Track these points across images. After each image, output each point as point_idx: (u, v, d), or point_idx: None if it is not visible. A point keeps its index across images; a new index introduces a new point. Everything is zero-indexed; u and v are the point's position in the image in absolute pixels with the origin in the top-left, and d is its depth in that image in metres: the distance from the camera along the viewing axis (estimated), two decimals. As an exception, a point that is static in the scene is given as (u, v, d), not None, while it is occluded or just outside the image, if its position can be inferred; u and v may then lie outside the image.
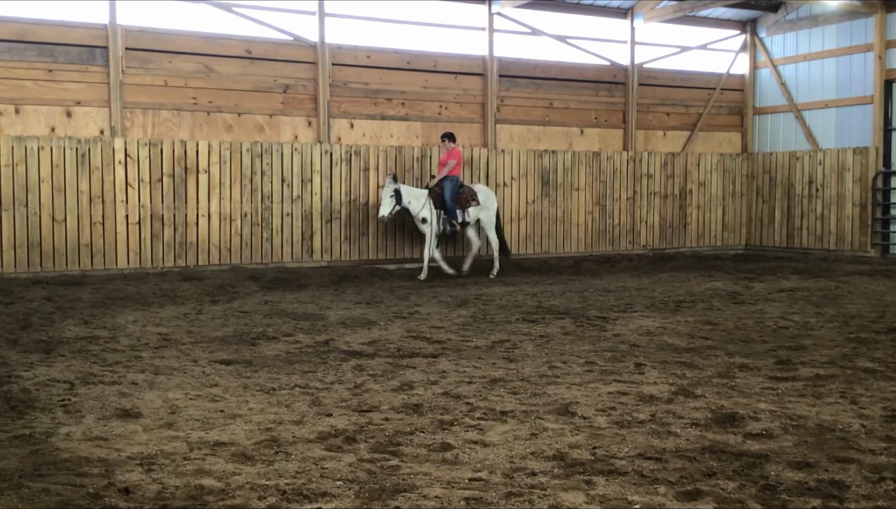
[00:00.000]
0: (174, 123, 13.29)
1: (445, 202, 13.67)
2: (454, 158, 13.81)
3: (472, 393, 6.21)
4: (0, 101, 12.16)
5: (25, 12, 12.34)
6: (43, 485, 4.16)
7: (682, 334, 8.72)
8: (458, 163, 13.85)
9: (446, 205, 13.69)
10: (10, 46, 12.19)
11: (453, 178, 13.75)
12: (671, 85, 17.79)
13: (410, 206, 13.52)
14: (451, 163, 13.75)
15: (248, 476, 4.40)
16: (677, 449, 4.84)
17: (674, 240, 17.90)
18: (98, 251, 12.60)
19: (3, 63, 12.15)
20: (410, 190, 13.61)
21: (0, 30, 12.12)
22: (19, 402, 5.83)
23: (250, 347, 7.96)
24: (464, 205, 13.84)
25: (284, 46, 14.06)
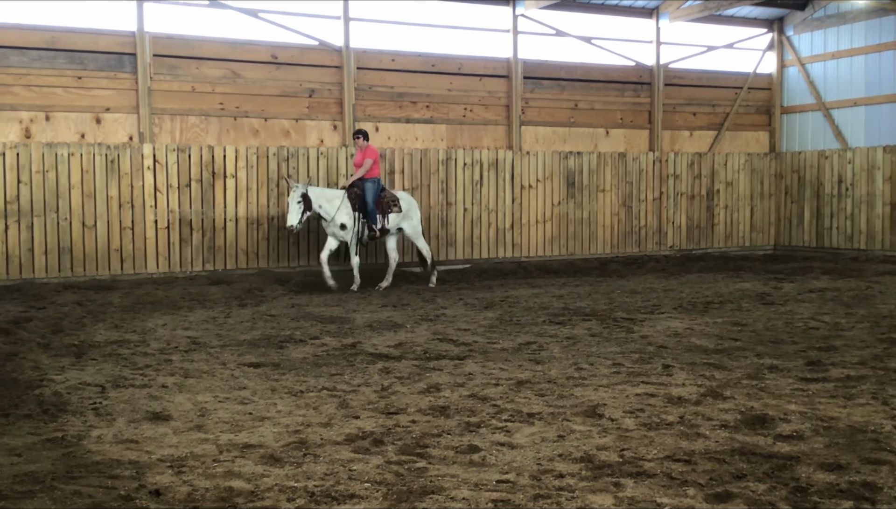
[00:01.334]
0: (202, 129, 13.41)
1: (367, 205, 12.53)
2: (370, 157, 12.63)
3: (499, 395, 6.21)
4: (31, 108, 12.33)
5: (55, 20, 12.52)
6: (75, 488, 4.21)
7: (711, 335, 8.66)
8: (376, 163, 12.71)
9: (367, 208, 12.55)
10: (41, 54, 12.37)
11: (375, 180, 12.66)
12: (697, 85, 17.67)
13: (322, 211, 12.20)
14: (368, 162, 12.57)
15: (276, 478, 4.43)
16: (706, 451, 4.81)
17: (701, 240, 17.77)
18: (127, 256, 12.74)
19: (33, 70, 12.33)
20: (321, 192, 12.33)
21: (31, 37, 12.30)
22: (51, 406, 5.91)
23: (278, 350, 8.01)
24: (384, 211, 12.73)
25: (310, 51, 14.14)
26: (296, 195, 11.90)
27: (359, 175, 12.58)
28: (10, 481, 4.27)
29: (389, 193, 12.89)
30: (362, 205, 12.53)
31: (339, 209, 12.24)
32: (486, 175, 15.42)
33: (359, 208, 12.50)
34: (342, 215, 12.28)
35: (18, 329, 8.97)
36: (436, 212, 14.98)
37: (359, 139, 12.73)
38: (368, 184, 12.57)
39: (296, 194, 11.91)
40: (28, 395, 6.19)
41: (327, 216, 12.29)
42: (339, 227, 12.34)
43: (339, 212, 12.25)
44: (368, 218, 12.58)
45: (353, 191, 12.52)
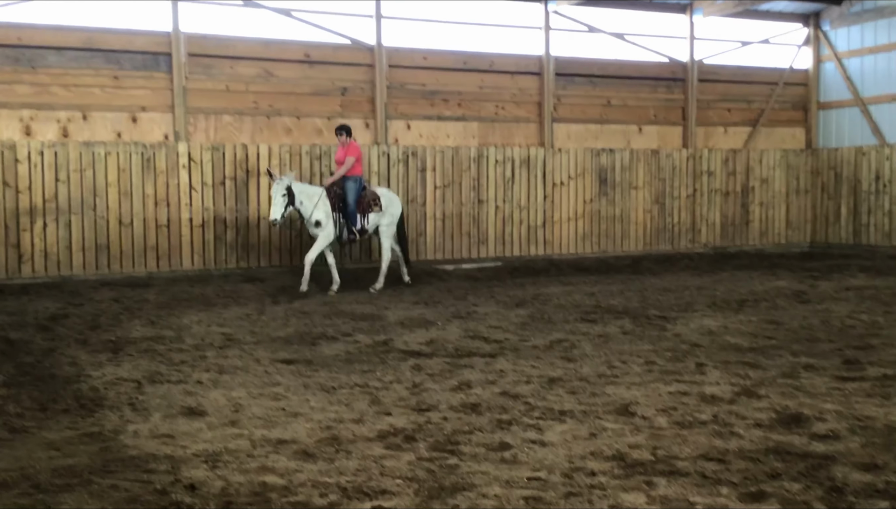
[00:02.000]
0: (236, 127, 13.52)
1: (347, 205, 12.01)
2: (352, 155, 12.11)
3: (531, 392, 6.20)
4: (68, 107, 12.52)
5: (92, 21, 12.69)
6: (112, 482, 4.28)
7: (745, 334, 8.58)
8: (358, 161, 12.17)
9: (347, 208, 12.02)
10: (78, 54, 12.55)
11: (357, 179, 12.14)
12: (732, 80, 17.49)
13: (301, 207, 11.74)
14: (350, 160, 12.05)
15: (309, 473, 4.47)
16: (740, 450, 4.77)
17: (736, 237, 17.59)
18: (163, 253, 12.89)
19: (71, 71, 12.51)
20: (303, 187, 11.87)
21: (68, 38, 12.48)
22: (89, 401, 6.01)
23: (311, 347, 8.06)
24: (365, 211, 12.21)
25: (342, 50, 14.20)
26: (280, 188, 11.42)
27: (340, 173, 12.08)
28: (49, 475, 4.35)
29: (370, 191, 12.39)
30: (343, 204, 12.05)
31: (316, 206, 11.76)
32: (518, 172, 15.39)
33: (339, 208, 12.02)
34: (319, 212, 11.80)
35: (56, 325, 9.12)
36: (467, 209, 14.98)
37: (342, 135, 12.24)
38: (350, 183, 12.06)
39: (280, 187, 11.43)
40: (66, 390, 6.30)
41: (305, 213, 11.83)
42: (314, 225, 11.85)
43: (317, 208, 11.77)
44: (348, 218, 12.06)
45: (333, 189, 12.03)
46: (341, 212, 12.03)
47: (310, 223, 11.89)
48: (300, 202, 11.68)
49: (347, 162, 12.06)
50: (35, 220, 12.13)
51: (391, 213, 12.50)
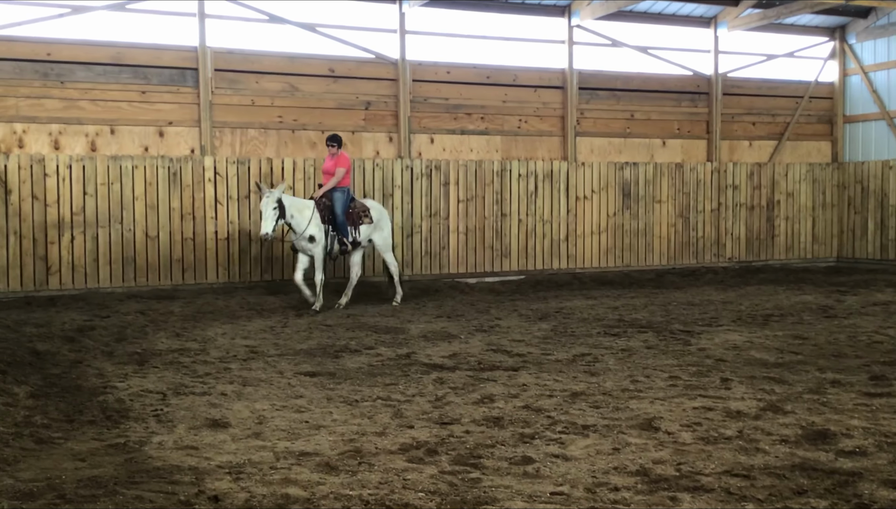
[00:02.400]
0: (261, 141, 13.64)
1: (336, 217, 11.74)
2: (343, 166, 11.85)
3: (553, 406, 6.19)
4: (97, 122, 12.68)
5: (120, 36, 12.87)
6: (137, 493, 4.31)
7: (771, 349, 8.50)
8: (348, 172, 11.94)
9: (337, 220, 11.75)
10: (106, 69, 12.72)
11: (344, 190, 11.89)
12: (757, 94, 17.40)
13: (293, 221, 11.34)
14: (340, 171, 11.79)
15: (332, 485, 4.48)
16: (766, 467, 4.72)
17: (761, 252, 17.46)
18: (189, 266, 13.00)
19: (99, 85, 12.68)
20: (294, 201, 11.52)
21: (97, 53, 12.66)
22: (114, 412, 6.06)
23: (334, 360, 8.09)
24: (355, 222, 11.96)
25: (366, 64, 14.30)
26: (270, 201, 11.02)
27: (331, 184, 11.79)
28: (75, 485, 4.39)
29: (359, 203, 12.18)
30: (331, 217, 11.77)
31: (310, 221, 11.41)
32: (541, 186, 15.38)
33: (328, 220, 11.72)
34: (313, 227, 11.45)
35: (83, 337, 9.22)
36: (490, 223, 14.99)
37: (332, 146, 11.94)
38: (337, 195, 11.80)
39: (270, 200, 11.02)
40: (92, 402, 6.35)
41: (298, 228, 11.41)
42: (307, 240, 11.47)
43: (311, 224, 11.43)
44: (339, 230, 11.78)
45: (321, 201, 11.76)
46: (330, 225, 11.74)
47: (303, 238, 11.46)
48: (291, 216, 11.30)
49: (338, 172, 11.81)
50: (63, 233, 12.28)
51: (382, 227, 12.36)
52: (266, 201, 11.05)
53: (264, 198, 11.10)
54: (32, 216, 12.12)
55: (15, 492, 4.25)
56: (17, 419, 5.70)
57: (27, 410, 5.96)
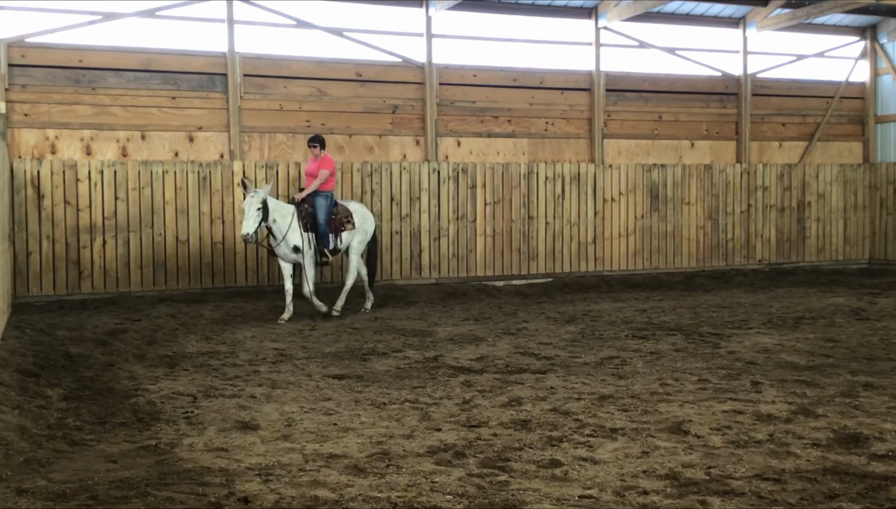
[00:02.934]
0: (289, 146, 13.73)
1: (318, 225, 11.21)
2: (327, 168, 11.37)
3: (581, 409, 6.17)
4: (128, 127, 12.84)
5: (150, 42, 13.01)
6: (167, 494, 4.36)
7: (802, 352, 8.42)
8: (332, 175, 11.47)
9: (319, 228, 11.22)
10: (137, 75, 12.87)
11: (326, 194, 11.36)
12: (787, 94, 17.23)
13: (274, 226, 10.91)
14: (324, 173, 11.30)
15: (360, 488, 4.50)
16: (797, 470, 4.68)
17: (792, 254, 17.28)
18: (218, 270, 13.10)
19: (130, 91, 12.84)
20: (277, 204, 11.07)
21: (127, 60, 12.81)
22: (146, 414, 6.13)
23: (361, 363, 8.12)
24: (337, 229, 11.47)
25: (393, 68, 14.34)
26: (255, 201, 10.61)
27: (313, 187, 11.29)
28: (107, 487, 4.45)
29: (342, 207, 11.67)
30: (313, 223, 11.24)
31: (291, 227, 10.97)
32: (568, 188, 15.34)
33: (309, 228, 11.21)
34: (296, 236, 11.02)
35: (115, 340, 9.33)
36: (517, 226, 14.97)
37: (315, 147, 11.52)
38: (320, 200, 11.28)
39: (255, 200, 10.61)
40: (124, 404, 6.43)
41: (278, 234, 10.98)
42: (292, 250, 11.05)
43: (293, 231, 10.99)
44: (320, 239, 11.26)
45: (303, 207, 11.25)
46: (312, 232, 11.24)
47: (287, 246, 11.05)
48: (273, 220, 10.88)
49: (321, 175, 11.32)
50: (95, 237, 12.44)
51: (364, 230, 11.91)
52: (250, 201, 10.63)
53: (248, 198, 10.68)
54: (65, 221, 12.29)
55: (48, 493, 4.31)
56: (51, 421, 5.78)
57: (60, 412, 6.05)
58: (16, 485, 4.39)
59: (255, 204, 10.62)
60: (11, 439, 5.13)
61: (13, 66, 12.17)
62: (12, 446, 5.03)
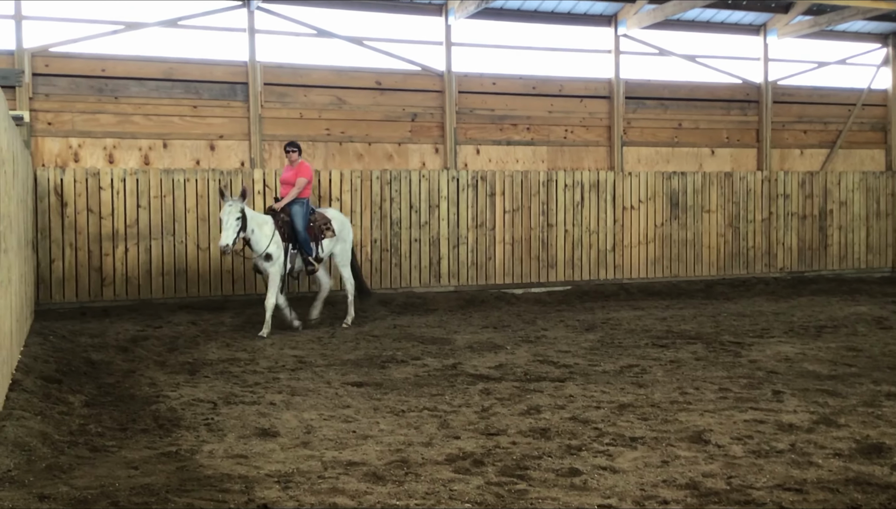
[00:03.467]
0: (309, 153, 13.79)
1: (298, 233, 10.87)
2: (304, 176, 11.04)
3: (601, 418, 6.14)
4: (150, 136, 12.95)
5: (172, 52, 13.13)
6: (188, 500, 4.38)
7: (824, 361, 8.34)
8: (309, 183, 11.16)
9: (298, 236, 10.88)
10: (159, 85, 12.99)
11: (303, 202, 11.05)
12: (808, 102, 17.13)
13: (252, 237, 10.49)
14: (301, 182, 10.98)
15: (379, 495, 4.50)
16: (819, 481, 4.64)
17: (814, 262, 17.14)
18: (238, 277, 13.17)
19: (152, 100, 12.95)
20: (254, 214, 10.68)
21: (150, 69, 12.94)
22: (166, 420, 6.17)
23: (380, 370, 8.13)
24: (317, 237, 11.10)
25: (412, 76, 14.39)
26: (234, 211, 10.20)
27: (291, 196, 10.95)
28: (128, 493, 4.48)
29: (320, 214, 11.31)
30: (291, 233, 10.88)
31: (269, 237, 10.58)
32: (588, 196, 15.31)
33: (288, 237, 10.85)
34: (272, 244, 10.61)
35: (136, 347, 9.39)
36: (536, 233, 14.95)
37: (292, 153, 11.16)
38: (296, 208, 10.95)
39: (234, 209, 10.21)
40: (145, 410, 6.48)
41: (256, 245, 10.58)
42: (264, 258, 10.63)
43: (271, 240, 10.60)
44: (301, 248, 10.94)
45: (280, 217, 10.88)
46: (291, 242, 10.89)
47: (258, 256, 10.67)
48: (251, 230, 10.45)
49: (299, 183, 10.99)
50: (117, 245, 12.54)
51: (344, 239, 11.58)
52: (229, 210, 10.23)
53: (226, 207, 10.27)
54: (87, 228, 12.40)
55: (70, 499, 4.35)
56: (73, 427, 5.83)
57: (82, 419, 6.10)
58: (38, 491, 4.43)
59: (235, 213, 10.22)
60: (34, 445, 5.17)
61: (37, 76, 12.32)
62: (35, 452, 5.08)
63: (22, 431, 5.32)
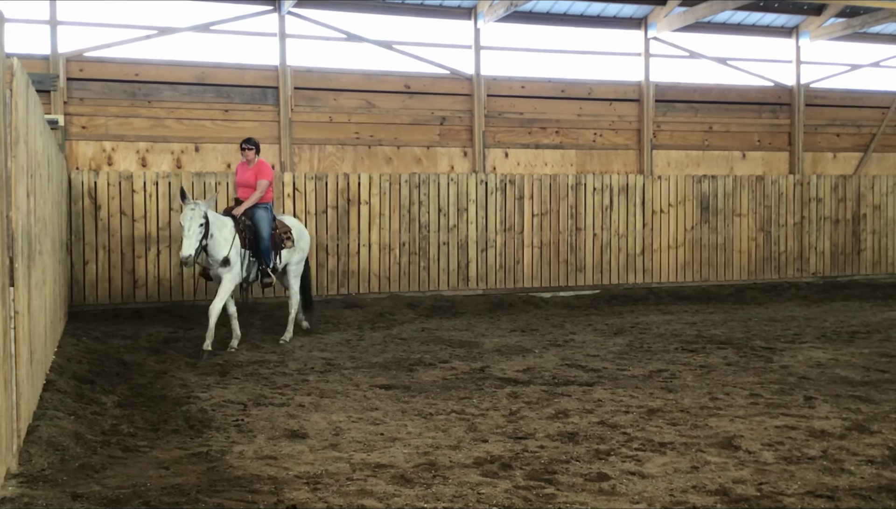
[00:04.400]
0: (338, 157, 13.87)
1: (261, 240, 9.89)
2: (265, 177, 10.06)
3: (629, 422, 6.11)
4: (182, 140, 13.09)
5: (204, 56, 13.27)
6: (218, 501, 4.42)
7: (857, 366, 8.24)
8: (271, 186, 10.22)
9: (261, 244, 9.89)
10: (191, 89, 13.13)
11: (266, 206, 10.07)
12: (841, 105, 16.93)
13: (211, 242, 9.35)
14: (263, 184, 9.99)
15: (407, 498, 4.51)
16: (851, 488, 4.58)
17: (846, 267, 16.93)
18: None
19: (184, 105, 13.10)
20: (215, 217, 9.53)
21: (182, 73, 13.08)
22: (197, 422, 6.23)
23: (408, 373, 8.15)
24: (277, 245, 10.20)
25: (441, 80, 14.42)
26: (197, 215, 9.09)
27: (253, 200, 9.92)
28: (159, 493, 4.53)
29: (280, 222, 10.44)
30: (253, 239, 9.90)
31: (229, 242, 9.55)
32: (617, 200, 15.24)
33: (248, 244, 9.85)
34: (233, 249, 9.58)
35: (168, 349, 9.49)
36: (565, 237, 14.91)
37: (249, 151, 10.13)
38: (261, 212, 9.95)
39: (197, 214, 9.09)
40: (176, 411, 6.54)
41: (214, 251, 9.44)
42: (221, 263, 9.52)
43: (231, 245, 9.56)
44: (262, 256, 9.94)
45: (242, 221, 9.86)
46: (250, 249, 9.92)
47: (215, 260, 9.52)
48: (212, 235, 9.38)
49: (261, 185, 9.98)
50: (149, 247, 12.68)
51: (301, 248, 10.80)
52: (190, 215, 9.07)
53: (188, 210, 9.11)
54: (121, 231, 12.55)
55: (102, 499, 4.41)
56: (105, 427, 5.90)
57: (114, 419, 6.18)
58: (71, 490, 4.49)
59: (198, 218, 9.10)
60: (67, 445, 5.25)
61: (71, 80, 12.50)
62: (68, 451, 5.16)
63: (55, 431, 5.41)
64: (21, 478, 4.63)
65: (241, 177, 10.26)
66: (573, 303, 13.82)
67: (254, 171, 10.13)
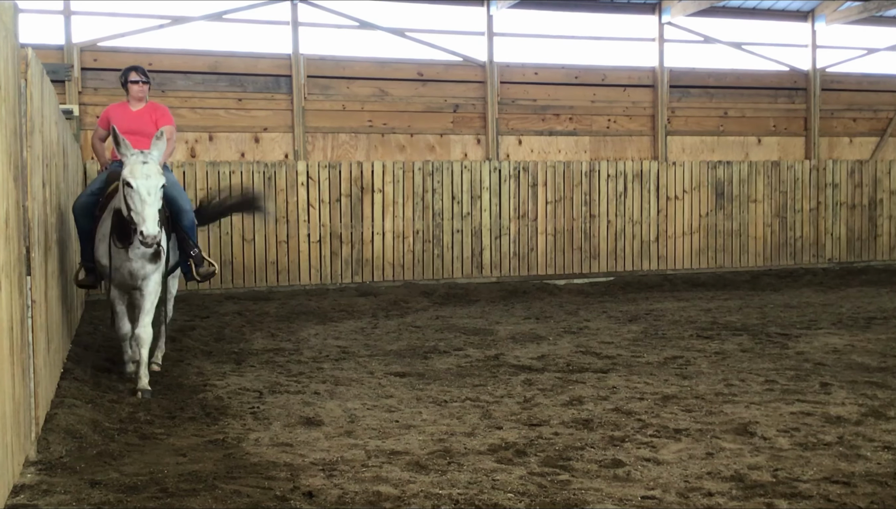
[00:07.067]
0: (351, 145, 13.87)
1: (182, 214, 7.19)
2: (168, 123, 7.34)
3: (644, 409, 6.11)
4: (196, 129, 13.13)
5: (217, 45, 13.29)
6: (234, 487, 4.45)
7: (874, 352, 8.20)
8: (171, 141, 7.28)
9: (183, 219, 7.20)
10: (205, 78, 13.15)
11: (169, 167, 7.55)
12: (857, 89, 16.78)
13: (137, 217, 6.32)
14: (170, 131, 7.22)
15: (422, 484, 4.53)
16: (867, 474, 4.57)
17: (863, 253, 16.81)
18: (283, 268, 13.31)
19: (197, 94, 13.13)
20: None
21: (196, 62, 13.11)
22: (213, 409, 6.26)
23: (423, 360, 8.17)
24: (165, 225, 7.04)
25: (454, 67, 14.38)
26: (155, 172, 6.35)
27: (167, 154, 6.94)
28: (176, 480, 4.57)
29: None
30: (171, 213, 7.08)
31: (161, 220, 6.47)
32: (631, 186, 15.18)
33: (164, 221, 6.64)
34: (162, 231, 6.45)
35: (184, 337, 9.55)
36: (579, 224, 14.87)
37: (137, 84, 7.42)
38: (172, 177, 7.13)
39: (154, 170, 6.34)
40: (193, 399, 6.58)
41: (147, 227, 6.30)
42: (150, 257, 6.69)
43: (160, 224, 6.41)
44: (187, 234, 7.22)
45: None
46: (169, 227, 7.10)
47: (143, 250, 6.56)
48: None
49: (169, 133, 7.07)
50: (164, 237, 12.73)
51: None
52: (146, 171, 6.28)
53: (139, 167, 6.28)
54: (135, 220, 12.60)
55: (120, 485, 4.45)
56: (122, 415, 5.95)
57: (131, 407, 6.22)
58: (89, 477, 4.54)
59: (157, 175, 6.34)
60: (85, 432, 5.30)
61: (86, 70, 12.54)
62: (86, 439, 5.20)
63: (73, 419, 5.45)
64: (39, 466, 4.68)
65: (129, 122, 7.22)
66: (587, 290, 13.80)
67: (150, 114, 7.36)
